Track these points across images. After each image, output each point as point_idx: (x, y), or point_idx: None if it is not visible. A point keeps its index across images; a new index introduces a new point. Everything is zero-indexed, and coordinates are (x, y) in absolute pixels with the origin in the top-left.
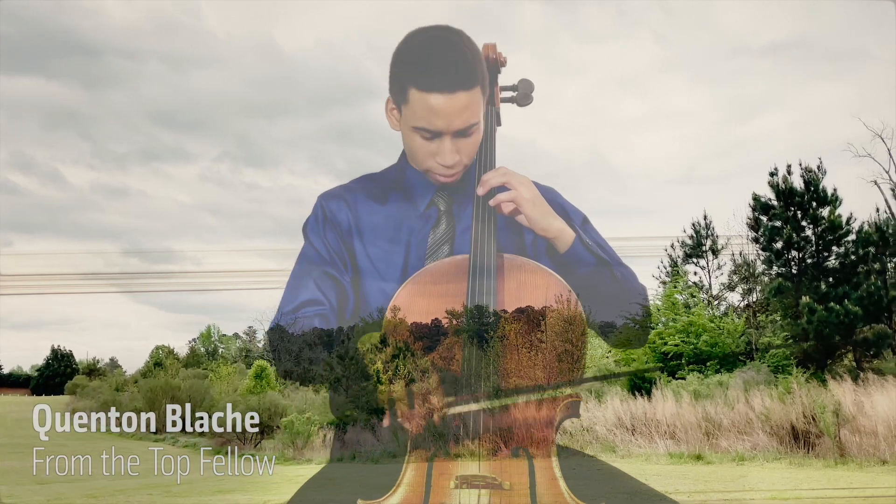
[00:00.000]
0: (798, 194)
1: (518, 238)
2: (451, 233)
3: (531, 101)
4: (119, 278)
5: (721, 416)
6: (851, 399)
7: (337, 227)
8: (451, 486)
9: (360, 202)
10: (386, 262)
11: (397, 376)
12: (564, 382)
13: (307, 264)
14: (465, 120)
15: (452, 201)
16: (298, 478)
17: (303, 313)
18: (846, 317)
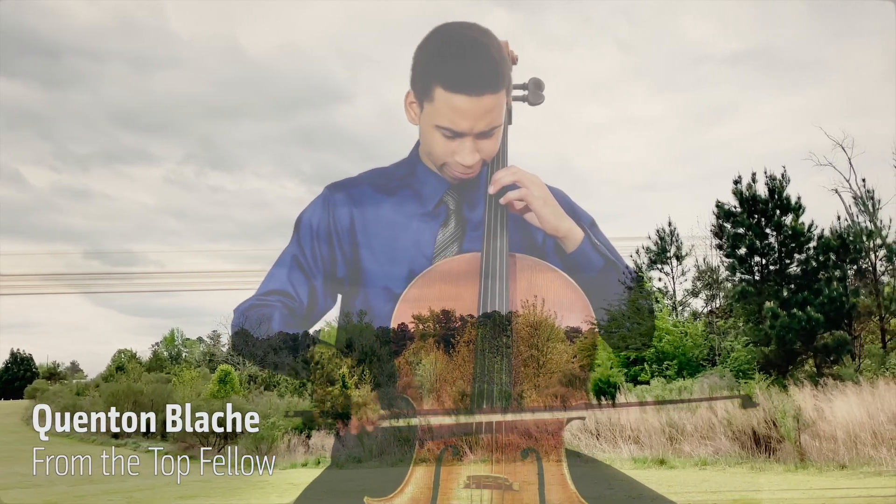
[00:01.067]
0: (762, 202)
1: (528, 237)
2: (460, 233)
3: (543, 99)
4: (80, 279)
5: (684, 421)
6: (812, 404)
7: (336, 219)
8: (460, 486)
9: (367, 197)
10: (391, 259)
11: (363, 381)
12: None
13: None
14: (489, 122)
15: (462, 201)
16: (261, 483)
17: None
18: (808, 323)
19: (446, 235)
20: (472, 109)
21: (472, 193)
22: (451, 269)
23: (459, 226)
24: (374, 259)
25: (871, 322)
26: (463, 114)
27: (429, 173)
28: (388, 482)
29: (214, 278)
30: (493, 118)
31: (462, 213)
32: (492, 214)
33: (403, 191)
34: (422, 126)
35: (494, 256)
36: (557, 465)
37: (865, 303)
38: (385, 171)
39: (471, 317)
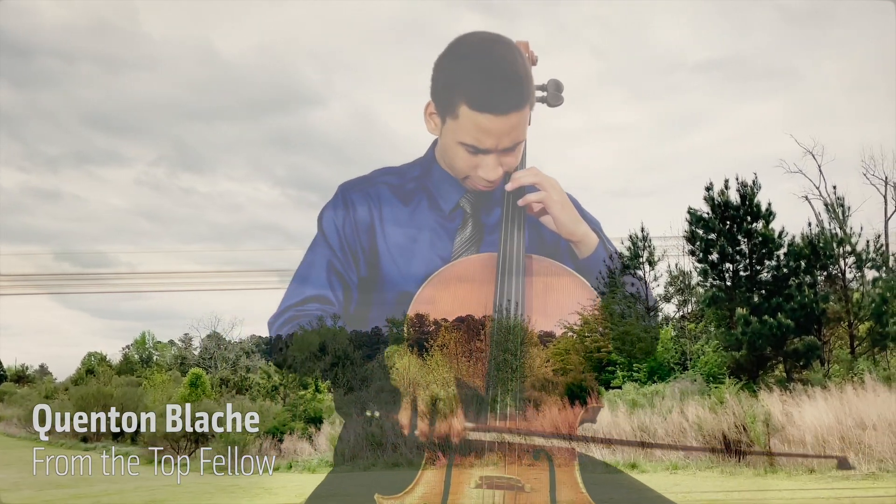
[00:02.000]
0: (733, 208)
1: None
2: (478, 236)
3: (562, 101)
4: (50, 280)
5: (656, 425)
6: (781, 409)
7: (356, 219)
8: (471, 486)
9: (383, 197)
10: (407, 259)
11: (336, 385)
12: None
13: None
14: (513, 139)
15: (480, 205)
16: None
17: (306, 309)
18: (778, 328)
19: (464, 239)
20: (498, 128)
21: (488, 198)
22: (466, 270)
23: (477, 229)
24: (391, 261)
25: (840, 328)
26: (488, 132)
27: (445, 176)
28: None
29: (186, 279)
30: (518, 134)
31: (479, 217)
32: (509, 216)
33: (419, 193)
34: (443, 139)
35: (511, 258)
36: (569, 467)
37: (835, 309)
38: (398, 170)
39: (444, 321)
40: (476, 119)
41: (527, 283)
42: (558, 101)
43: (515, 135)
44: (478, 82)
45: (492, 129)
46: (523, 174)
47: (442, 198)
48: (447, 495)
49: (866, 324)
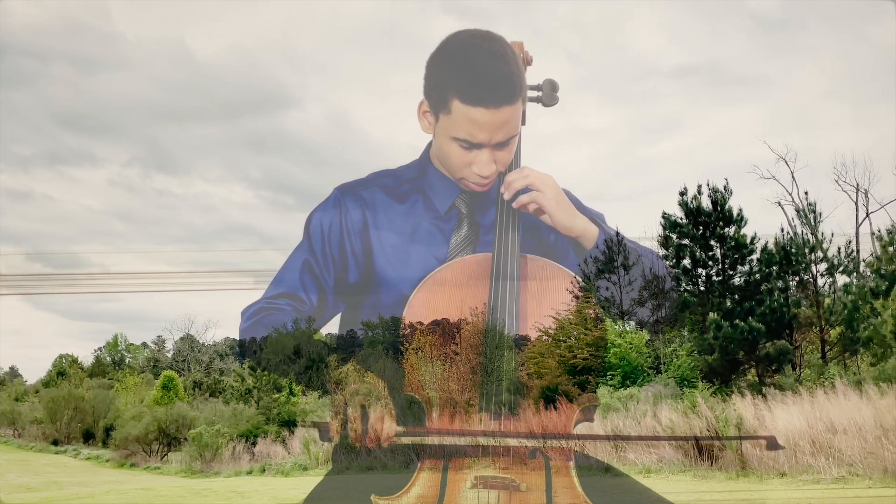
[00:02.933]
0: (706, 213)
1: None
2: (473, 236)
3: (557, 101)
4: (20, 281)
5: (629, 429)
6: (753, 413)
7: (348, 222)
8: (467, 486)
9: (378, 199)
10: (403, 261)
11: (311, 388)
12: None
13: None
14: (506, 133)
15: (475, 205)
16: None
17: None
18: (750, 333)
19: (459, 239)
20: (490, 121)
21: (483, 198)
22: (461, 272)
23: (472, 230)
24: (387, 263)
25: (811, 333)
26: (481, 126)
27: (440, 177)
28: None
29: (160, 280)
30: (511, 128)
31: (474, 217)
32: (503, 217)
33: (414, 195)
34: (437, 137)
35: (506, 258)
36: (566, 467)
37: (806, 314)
38: (393, 172)
39: (420, 324)
40: (468, 113)
41: (521, 285)
42: (553, 100)
43: (508, 129)
44: (469, 77)
45: (484, 122)
46: (515, 177)
47: (437, 198)
48: (443, 496)
49: (837, 329)
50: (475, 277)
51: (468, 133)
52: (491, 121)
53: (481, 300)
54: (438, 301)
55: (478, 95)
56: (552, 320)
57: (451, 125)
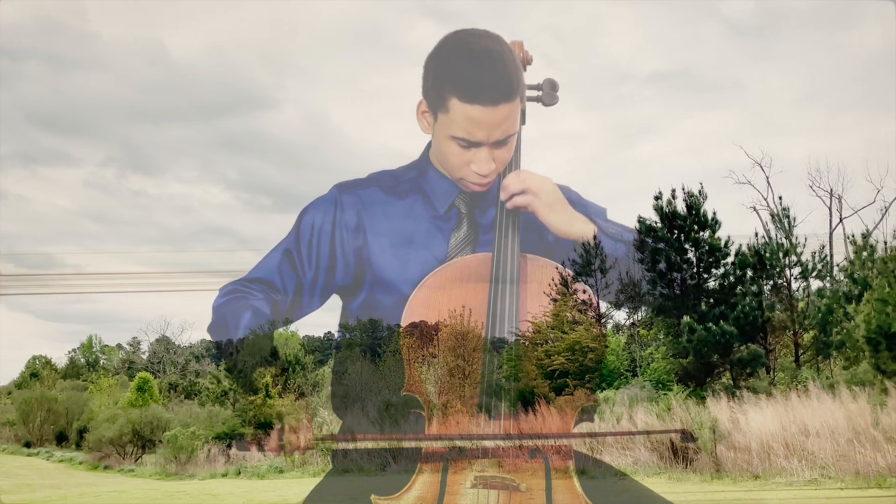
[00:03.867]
0: (681, 218)
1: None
2: (473, 236)
3: (557, 100)
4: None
5: (605, 431)
6: (727, 416)
7: (343, 221)
8: (466, 486)
9: (376, 199)
10: (403, 260)
11: (287, 390)
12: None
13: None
14: (504, 130)
15: (474, 205)
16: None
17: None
18: (723, 336)
19: (459, 239)
20: (488, 119)
21: (483, 197)
22: (461, 271)
23: (472, 229)
24: (386, 263)
25: (785, 336)
26: (479, 124)
27: (439, 176)
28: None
29: (135, 280)
30: (509, 126)
31: (474, 216)
32: (502, 218)
33: (414, 195)
34: (436, 136)
35: (505, 260)
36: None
37: (780, 317)
38: (393, 173)
39: (397, 326)
40: (466, 111)
41: (521, 289)
42: (553, 100)
43: (506, 127)
44: (467, 75)
45: (482, 120)
46: (512, 180)
47: (437, 198)
48: (443, 495)
49: (811, 332)
50: (475, 277)
51: (466, 131)
52: (489, 118)
53: (481, 300)
54: (438, 300)
55: (476, 93)
56: (529, 324)
57: (450, 124)
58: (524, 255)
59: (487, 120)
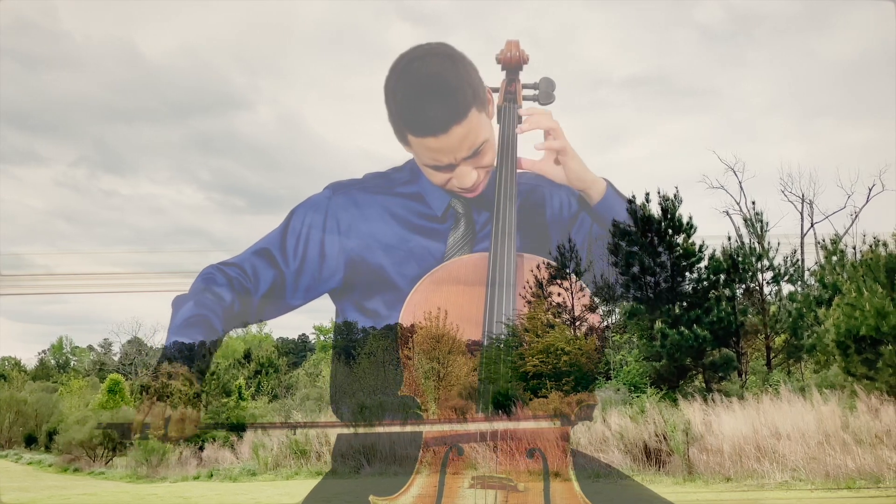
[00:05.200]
0: (655, 221)
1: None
2: (470, 235)
3: (553, 99)
4: None
5: (579, 434)
6: (700, 419)
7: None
8: (464, 486)
9: (371, 201)
10: (401, 260)
11: (260, 393)
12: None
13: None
14: (469, 146)
15: (470, 205)
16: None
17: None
18: (696, 340)
19: (456, 239)
20: (446, 145)
21: (481, 196)
22: (458, 272)
23: (469, 228)
24: (381, 263)
25: (757, 340)
26: (440, 151)
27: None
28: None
29: (106, 281)
30: (472, 141)
31: (471, 215)
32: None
33: (409, 196)
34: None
35: (503, 260)
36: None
37: (752, 321)
38: (386, 174)
39: (373, 328)
40: (423, 143)
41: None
42: (550, 98)
43: (469, 142)
44: (413, 108)
45: (440, 147)
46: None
47: (432, 200)
48: (441, 496)
49: (782, 336)
50: (472, 277)
51: (433, 159)
52: (446, 145)
53: (478, 300)
54: (436, 300)
55: (424, 126)
56: (503, 326)
57: (417, 154)
58: (521, 255)
59: (445, 146)
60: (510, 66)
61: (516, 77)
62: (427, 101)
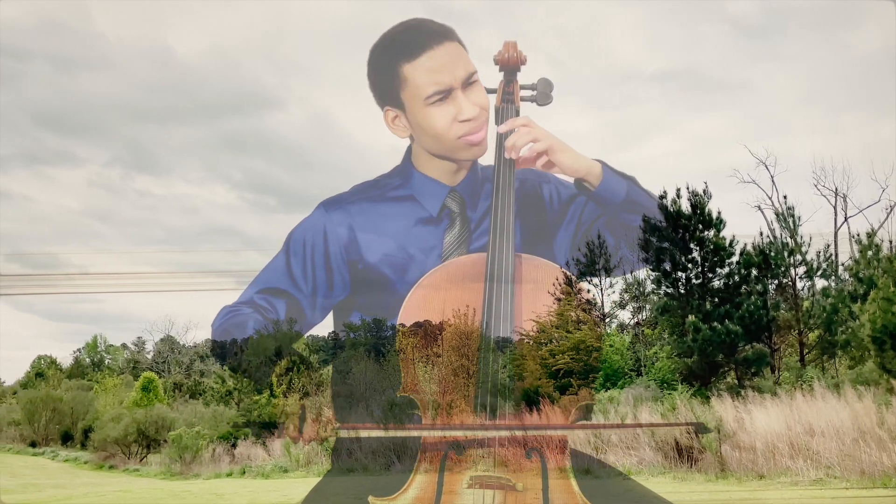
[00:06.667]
0: (685, 217)
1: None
2: (466, 234)
3: (551, 100)
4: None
5: (610, 431)
6: (732, 416)
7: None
8: (463, 486)
9: (366, 212)
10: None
11: (291, 390)
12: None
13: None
14: (464, 68)
15: (465, 201)
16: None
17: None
18: (728, 336)
19: (453, 238)
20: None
21: (474, 192)
22: (456, 271)
23: (465, 227)
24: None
25: (790, 336)
26: (437, 69)
27: (426, 180)
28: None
29: (140, 280)
30: (466, 64)
31: (466, 213)
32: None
33: (403, 200)
34: (415, 126)
35: (501, 257)
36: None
37: (785, 317)
38: (375, 182)
39: (402, 325)
40: (421, 65)
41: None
42: (547, 100)
43: (464, 64)
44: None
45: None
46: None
47: (426, 201)
48: (440, 496)
49: (816, 332)
50: (470, 277)
51: (433, 82)
52: (441, 60)
53: (477, 300)
54: (434, 301)
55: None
56: (533, 323)
57: (416, 91)
58: (518, 255)
59: (441, 62)
60: (508, 68)
61: (514, 78)
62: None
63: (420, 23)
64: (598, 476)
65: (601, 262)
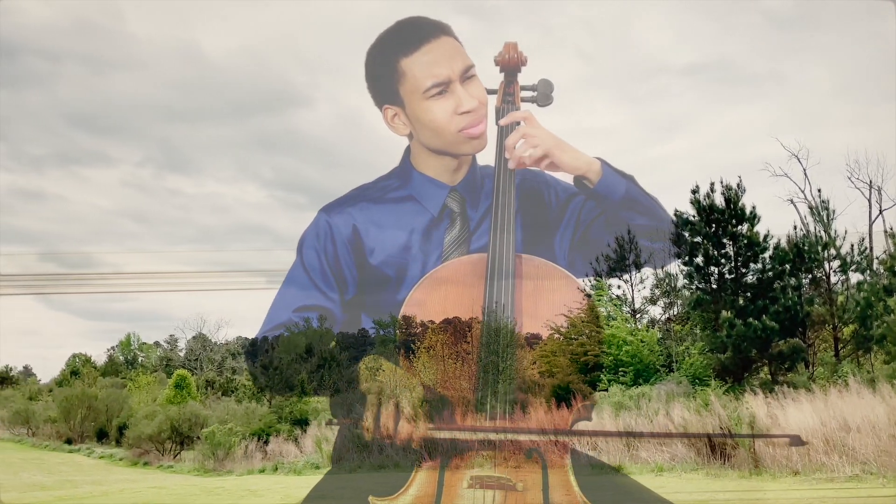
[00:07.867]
0: (718, 211)
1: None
2: (466, 233)
3: (551, 101)
4: (34, 280)
5: (641, 428)
6: (766, 412)
7: (340, 241)
8: (463, 486)
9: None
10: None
11: (323, 387)
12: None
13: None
14: (462, 61)
15: (465, 201)
16: (218, 490)
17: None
18: (763, 331)
19: (452, 238)
20: (439, 53)
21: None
22: (455, 273)
23: (465, 226)
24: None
25: (824, 331)
26: (435, 62)
27: (426, 180)
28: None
29: (172, 279)
30: (464, 58)
31: (466, 213)
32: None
33: (403, 201)
34: (415, 123)
35: (501, 257)
36: (562, 467)
37: (819, 312)
38: (375, 184)
39: (431, 322)
40: (419, 59)
41: (516, 285)
42: (548, 101)
43: (461, 58)
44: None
45: (435, 57)
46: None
47: (427, 201)
48: (440, 496)
49: (850, 327)
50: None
51: (432, 74)
52: (439, 53)
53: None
54: (434, 301)
55: (414, 39)
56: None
57: (415, 85)
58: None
59: (439, 55)
60: (508, 68)
61: (514, 79)
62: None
63: (415, 19)
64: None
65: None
